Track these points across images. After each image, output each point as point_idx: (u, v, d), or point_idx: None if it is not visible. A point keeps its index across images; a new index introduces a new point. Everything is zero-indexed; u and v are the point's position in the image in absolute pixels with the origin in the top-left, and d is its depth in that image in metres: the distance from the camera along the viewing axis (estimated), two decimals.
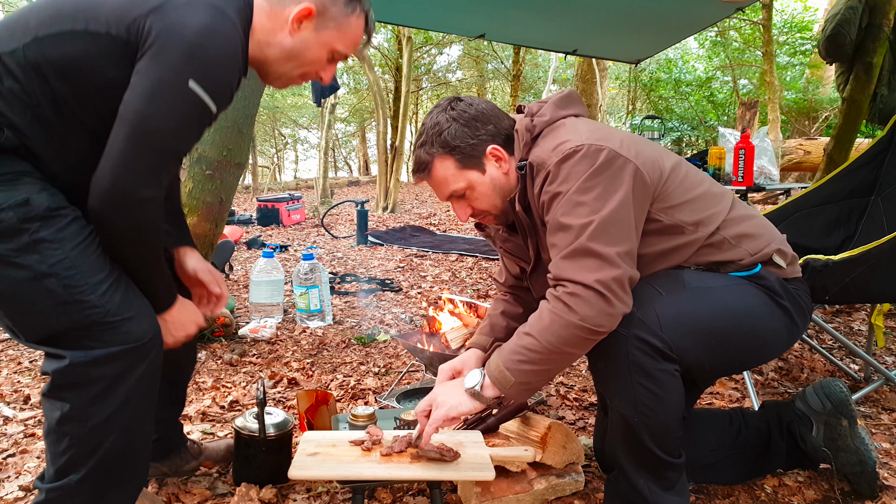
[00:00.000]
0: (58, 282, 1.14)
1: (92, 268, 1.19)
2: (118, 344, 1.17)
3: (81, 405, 1.17)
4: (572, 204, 1.33)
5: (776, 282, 1.45)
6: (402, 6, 4.80)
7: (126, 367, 1.19)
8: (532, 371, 1.34)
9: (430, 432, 1.39)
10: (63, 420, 1.18)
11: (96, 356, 1.16)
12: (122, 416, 1.20)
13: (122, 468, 1.24)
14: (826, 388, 1.65)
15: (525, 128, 1.48)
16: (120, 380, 1.18)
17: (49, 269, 1.14)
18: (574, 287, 1.30)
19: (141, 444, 1.28)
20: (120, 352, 1.18)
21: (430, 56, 18.16)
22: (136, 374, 1.20)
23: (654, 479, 1.42)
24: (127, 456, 1.24)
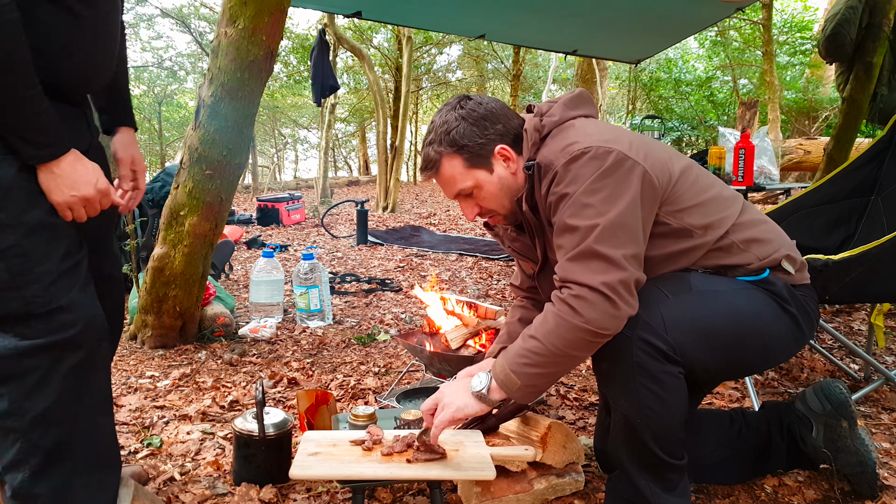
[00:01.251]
0: (4, 267, 1.14)
1: (42, 256, 1.16)
2: (47, 334, 1.16)
3: (18, 398, 1.17)
4: (579, 206, 1.32)
5: (784, 287, 1.45)
6: (402, 6, 4.80)
7: (56, 357, 1.17)
8: (537, 374, 1.34)
9: (437, 434, 1.39)
10: (3, 415, 1.18)
11: (25, 347, 1.15)
12: (61, 408, 1.19)
13: (71, 463, 1.22)
14: (826, 389, 1.65)
15: (534, 127, 1.48)
16: (53, 371, 1.17)
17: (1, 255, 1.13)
18: (579, 289, 1.29)
19: (95, 437, 1.25)
20: (48, 343, 1.16)
21: (430, 56, 18.16)
22: (67, 365, 1.18)
23: (655, 480, 1.42)
24: (79, 450, 1.22)
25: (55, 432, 1.20)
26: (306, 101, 20.17)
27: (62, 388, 1.19)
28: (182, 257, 2.91)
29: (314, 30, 14.68)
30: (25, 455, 1.19)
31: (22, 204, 1.16)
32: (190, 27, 15.21)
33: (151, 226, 4.42)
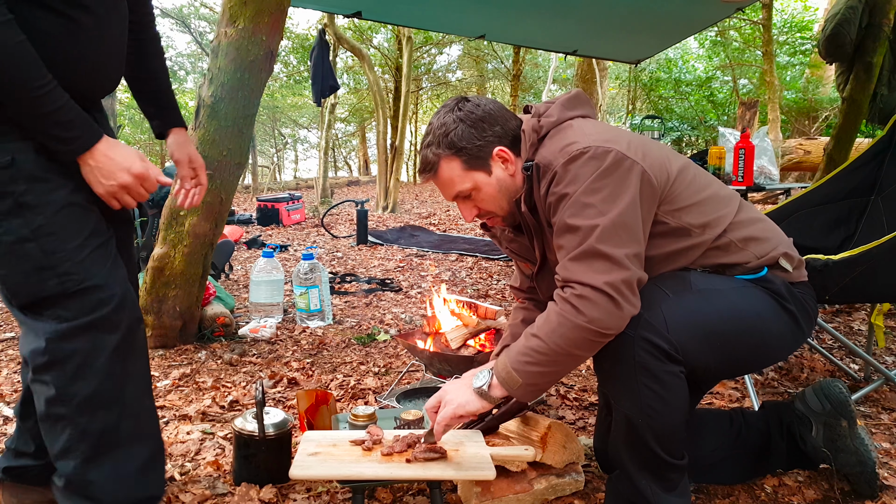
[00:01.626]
0: (36, 246, 1.15)
1: (72, 233, 1.18)
2: (84, 314, 1.17)
3: (63, 384, 1.18)
4: (579, 205, 1.32)
5: (782, 285, 1.45)
6: (402, 6, 4.80)
7: (96, 339, 1.17)
8: (539, 372, 1.34)
9: (440, 431, 1.40)
10: (50, 402, 1.19)
11: (64, 330, 1.16)
12: (108, 390, 1.19)
13: (122, 446, 1.23)
14: (825, 388, 1.65)
15: (532, 128, 1.48)
16: (94, 354, 1.18)
17: (30, 234, 1.15)
18: (582, 289, 1.29)
19: (142, 419, 1.26)
20: (86, 323, 1.17)
21: (430, 56, 18.17)
22: (110, 346, 1.19)
23: (656, 479, 1.42)
24: (126, 433, 1.23)
25: (102, 416, 1.20)
26: (306, 101, 20.17)
27: (106, 371, 1.19)
28: (182, 257, 2.91)
29: (314, 30, 14.68)
30: (75, 441, 1.20)
31: (46, 184, 1.17)
32: (190, 27, 15.22)
33: (151, 226, 4.42)
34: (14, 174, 1.14)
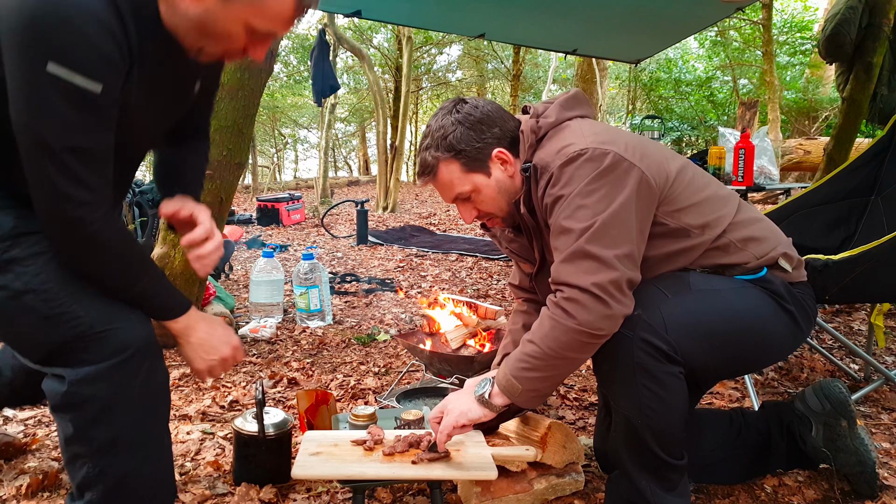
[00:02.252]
0: (36, 297, 1.12)
1: (68, 279, 1.15)
2: (108, 358, 1.13)
3: (83, 426, 1.14)
4: (574, 207, 1.33)
5: (781, 286, 1.45)
6: (402, 6, 4.80)
7: (119, 382, 1.13)
8: (538, 378, 1.34)
9: (443, 440, 1.40)
10: (70, 440, 1.16)
11: (85, 374, 1.12)
12: (129, 435, 1.16)
13: (141, 489, 1.20)
14: (825, 388, 1.65)
15: (530, 129, 1.48)
16: (116, 398, 1.13)
17: (25, 286, 1.12)
18: (571, 291, 1.30)
19: (159, 462, 1.23)
20: (109, 367, 1.13)
21: (430, 56, 18.16)
22: (132, 390, 1.15)
23: (656, 480, 1.42)
24: (144, 477, 1.20)
25: (123, 460, 1.17)
26: (306, 101, 20.16)
27: (128, 416, 1.15)
28: (182, 257, 2.91)
29: (314, 30, 14.68)
30: (93, 480, 1.17)
31: (32, 237, 1.15)
32: None
33: (151, 226, 4.42)
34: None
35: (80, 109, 1.04)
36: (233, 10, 1.09)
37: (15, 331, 1.17)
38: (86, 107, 1.04)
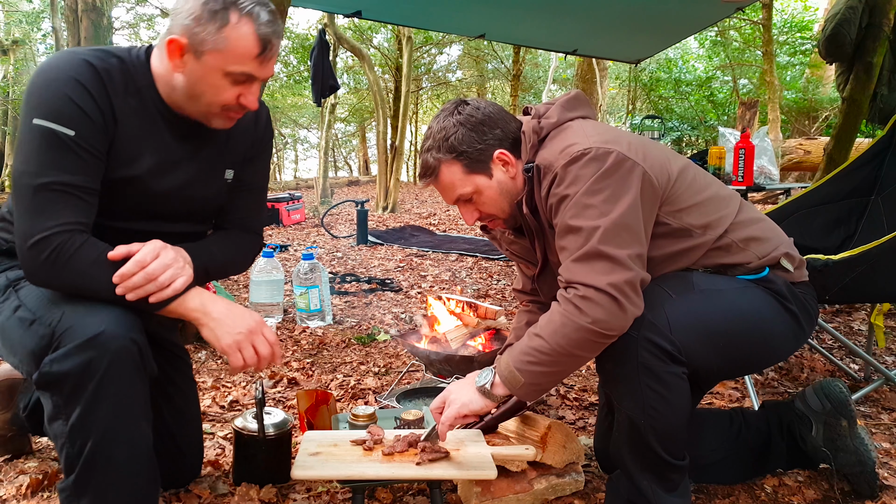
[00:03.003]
0: (25, 309, 1.28)
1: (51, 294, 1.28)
2: (79, 339, 1.18)
3: (59, 404, 1.20)
4: (581, 206, 1.32)
5: (784, 285, 1.45)
6: (402, 6, 4.80)
7: (86, 362, 1.17)
8: (541, 372, 1.34)
9: (445, 430, 1.40)
10: (50, 419, 1.22)
11: (60, 353, 1.19)
12: (98, 416, 1.19)
13: (113, 471, 1.22)
14: (826, 388, 1.65)
15: (532, 130, 1.48)
16: (87, 377, 1.17)
17: (20, 302, 1.30)
18: (585, 290, 1.29)
19: (128, 450, 1.24)
20: (77, 346, 1.17)
21: (430, 56, 18.16)
22: (99, 371, 1.18)
23: (657, 480, 1.42)
24: (114, 461, 1.22)
25: (95, 441, 1.20)
26: (306, 101, 20.17)
27: (95, 396, 1.18)
28: None
29: (314, 30, 14.68)
30: (73, 458, 1.21)
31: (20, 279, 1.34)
32: None
33: None
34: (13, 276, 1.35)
35: (57, 149, 1.21)
36: (207, 62, 1.25)
37: (15, 342, 1.28)
38: (60, 147, 1.22)
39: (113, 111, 1.28)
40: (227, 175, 1.48)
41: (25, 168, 1.21)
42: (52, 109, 1.21)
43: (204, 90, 1.28)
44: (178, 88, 1.30)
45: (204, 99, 1.30)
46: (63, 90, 1.22)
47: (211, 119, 1.34)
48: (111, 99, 1.27)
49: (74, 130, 1.22)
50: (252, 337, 1.30)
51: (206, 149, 1.43)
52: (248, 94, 1.31)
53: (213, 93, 1.28)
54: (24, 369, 1.30)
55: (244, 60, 1.25)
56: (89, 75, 1.25)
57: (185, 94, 1.30)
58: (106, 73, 1.27)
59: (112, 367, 1.18)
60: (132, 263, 1.23)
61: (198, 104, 1.31)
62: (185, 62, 1.26)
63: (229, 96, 1.29)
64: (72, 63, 1.25)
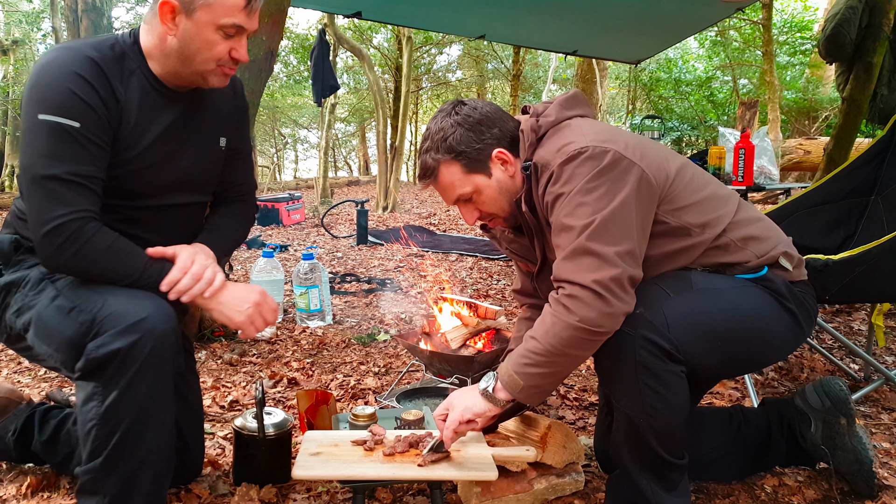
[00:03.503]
0: (63, 298, 1.31)
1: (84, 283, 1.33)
2: (119, 325, 1.23)
3: (98, 387, 1.24)
4: (574, 204, 1.33)
5: (782, 285, 1.45)
6: (402, 6, 4.80)
7: (131, 345, 1.22)
8: (539, 374, 1.34)
9: (449, 435, 1.40)
10: (85, 400, 1.26)
11: (101, 341, 1.23)
12: (135, 398, 1.24)
13: (141, 455, 1.28)
14: (826, 386, 1.66)
15: (530, 128, 1.49)
16: (130, 359, 1.22)
17: (57, 292, 1.33)
18: (572, 288, 1.30)
19: (158, 433, 1.30)
20: (123, 329, 1.22)
21: (430, 56, 18.15)
22: (143, 355, 1.23)
23: (656, 479, 1.42)
24: (145, 443, 1.27)
25: (129, 422, 1.25)
26: (306, 101, 20.15)
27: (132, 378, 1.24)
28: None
29: (314, 30, 14.68)
30: (102, 442, 1.25)
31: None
32: None
33: None
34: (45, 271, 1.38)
35: (63, 140, 1.26)
36: (199, 19, 1.32)
37: (52, 331, 1.30)
38: (67, 138, 1.27)
39: (116, 97, 1.34)
40: (221, 143, 1.57)
41: (34, 161, 1.26)
42: (56, 104, 1.26)
43: (199, 47, 1.34)
44: (173, 53, 1.36)
45: (199, 56, 1.35)
46: (66, 84, 1.27)
47: (207, 77, 1.40)
48: (112, 85, 1.33)
49: (79, 122, 1.27)
50: (258, 308, 1.42)
51: (200, 119, 1.51)
52: (238, 48, 1.38)
53: (208, 48, 1.35)
54: (57, 358, 1.31)
55: (233, 12, 1.33)
56: (89, 67, 1.30)
57: (179, 56, 1.36)
58: (104, 62, 1.33)
59: (154, 351, 1.24)
60: (177, 270, 1.34)
61: (193, 63, 1.37)
62: (178, 23, 1.33)
63: (222, 50, 1.36)
64: (70, 57, 1.29)
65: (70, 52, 1.31)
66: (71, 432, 1.66)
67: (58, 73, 1.28)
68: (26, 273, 1.39)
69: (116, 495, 1.28)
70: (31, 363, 2.04)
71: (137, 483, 1.29)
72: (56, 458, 1.67)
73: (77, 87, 1.27)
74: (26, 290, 1.36)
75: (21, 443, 1.67)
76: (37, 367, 2.70)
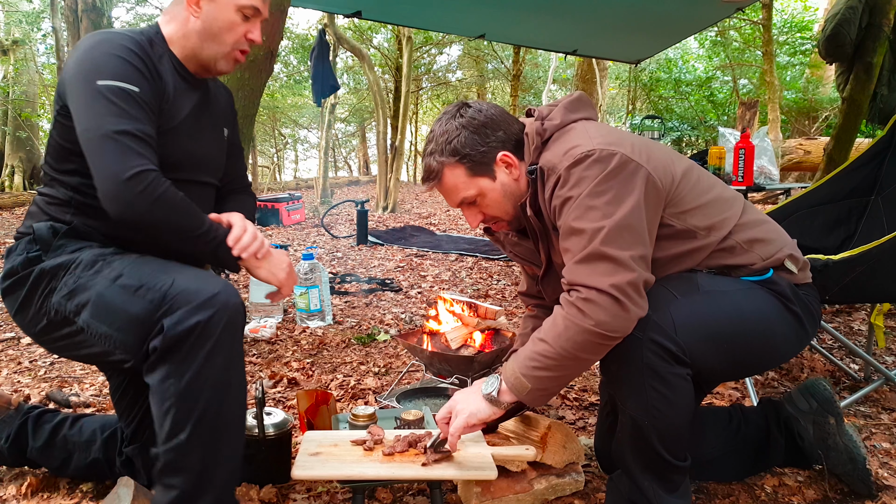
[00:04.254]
0: (126, 277, 1.32)
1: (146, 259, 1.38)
2: (194, 300, 1.26)
3: (175, 366, 1.25)
4: (584, 208, 1.32)
5: (787, 287, 1.45)
6: (402, 6, 4.81)
7: (208, 319, 1.25)
8: (547, 377, 1.34)
9: (455, 441, 1.39)
10: (164, 379, 1.26)
11: (178, 317, 1.25)
12: (211, 370, 1.26)
13: (221, 425, 1.29)
14: (811, 388, 1.67)
15: (535, 132, 1.48)
16: (207, 333, 1.25)
17: (119, 272, 1.34)
18: (588, 292, 1.29)
19: (234, 403, 1.32)
20: (199, 304, 1.25)
21: (430, 56, 18.16)
22: (219, 327, 1.26)
23: (658, 480, 1.42)
24: (224, 413, 1.29)
25: (210, 396, 1.27)
26: (306, 101, 20.14)
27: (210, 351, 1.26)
28: None
29: (314, 30, 14.68)
30: (183, 420, 1.26)
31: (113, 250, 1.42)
32: None
33: None
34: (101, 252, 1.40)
35: (127, 102, 1.33)
36: (221, 1, 1.46)
37: (115, 310, 1.30)
38: (130, 100, 1.33)
39: (158, 72, 1.43)
40: (226, 133, 1.68)
41: (102, 120, 1.30)
42: (114, 71, 1.33)
43: (220, 28, 1.47)
44: (194, 34, 1.48)
45: (220, 38, 1.47)
46: (120, 54, 1.35)
47: (218, 62, 1.51)
48: (153, 61, 1.43)
49: (139, 87, 1.35)
50: (292, 269, 1.52)
51: (212, 107, 1.62)
52: (254, 30, 1.51)
53: (228, 28, 1.47)
54: (116, 339, 1.31)
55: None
56: (134, 43, 1.40)
57: (201, 36, 1.48)
58: (142, 42, 1.43)
59: (229, 324, 1.28)
60: (239, 228, 1.42)
61: (213, 44, 1.48)
62: (201, 7, 1.46)
63: (240, 32, 1.49)
64: (115, 36, 1.39)
65: (112, 33, 1.40)
66: (68, 437, 1.66)
67: (109, 47, 1.36)
68: (75, 256, 1.39)
69: (201, 471, 1.28)
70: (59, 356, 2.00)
71: (218, 457, 1.30)
72: (53, 464, 1.67)
73: (130, 58, 1.36)
74: (78, 271, 1.36)
75: (15, 449, 1.66)
76: (37, 368, 2.70)
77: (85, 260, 1.37)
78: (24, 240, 1.44)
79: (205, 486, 1.28)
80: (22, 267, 1.40)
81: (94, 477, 1.69)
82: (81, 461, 1.65)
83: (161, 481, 1.30)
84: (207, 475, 1.29)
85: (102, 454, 1.64)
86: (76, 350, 1.42)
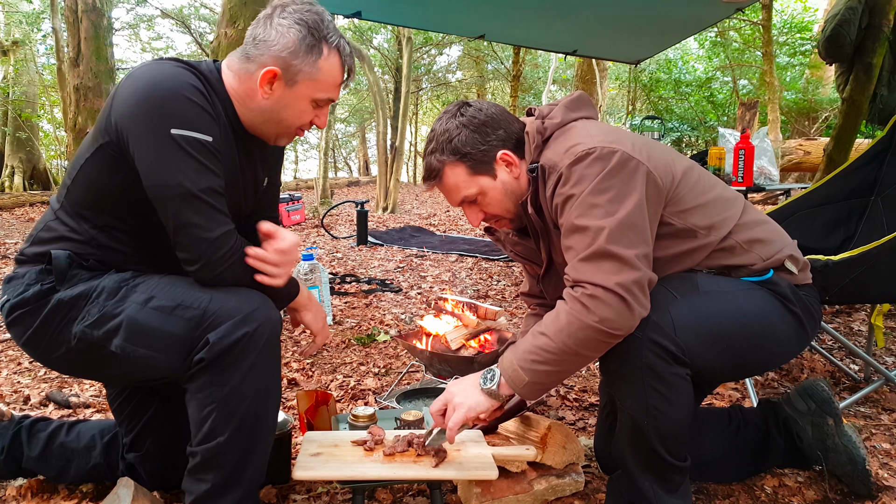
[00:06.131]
0: (158, 299, 1.31)
1: (175, 280, 1.35)
2: (236, 315, 1.27)
3: (218, 372, 1.27)
4: (587, 206, 1.32)
5: (788, 288, 1.45)
6: (402, 6, 4.81)
7: (251, 332, 1.27)
8: (545, 371, 1.34)
9: (453, 435, 1.39)
10: (205, 386, 1.28)
11: (224, 328, 1.26)
12: (254, 379, 1.29)
13: (257, 430, 1.32)
14: (808, 389, 1.67)
15: (536, 130, 1.48)
16: (251, 346, 1.27)
17: (149, 295, 1.32)
18: (594, 289, 1.28)
19: (271, 409, 1.36)
20: (241, 319, 1.27)
21: (430, 56, 18.18)
22: (262, 340, 1.29)
23: (658, 481, 1.42)
24: (261, 418, 1.33)
25: (252, 402, 1.30)
26: None
27: (253, 361, 1.28)
28: None
29: None
30: (221, 423, 1.28)
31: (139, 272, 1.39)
32: (190, 28, 15.23)
33: None
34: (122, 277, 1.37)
35: (204, 156, 1.27)
36: (299, 91, 1.36)
37: (153, 332, 1.29)
38: (207, 154, 1.28)
39: (218, 116, 1.35)
40: (264, 183, 1.60)
41: (180, 178, 1.25)
42: (188, 118, 1.26)
43: (289, 115, 1.39)
44: (259, 112, 1.39)
45: (285, 122, 1.41)
46: (190, 96, 1.27)
47: (279, 139, 1.46)
48: (214, 104, 1.34)
49: (211, 136, 1.29)
50: (326, 323, 1.55)
51: (256, 162, 1.52)
52: (322, 116, 1.45)
53: (297, 116, 1.40)
54: (161, 357, 1.30)
55: (331, 88, 1.40)
56: (199, 83, 1.31)
57: (266, 118, 1.40)
58: (203, 80, 1.34)
59: (271, 336, 1.31)
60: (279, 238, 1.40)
61: (276, 126, 1.42)
62: (275, 90, 1.36)
63: (307, 119, 1.42)
64: (179, 72, 1.30)
65: (173, 68, 1.31)
66: (65, 444, 1.65)
67: (177, 85, 1.27)
68: (94, 284, 1.34)
69: (234, 468, 1.31)
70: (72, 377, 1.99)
71: (250, 457, 1.33)
72: (51, 472, 1.66)
73: (200, 101, 1.28)
74: (101, 300, 1.32)
75: (10, 460, 1.65)
76: (37, 368, 2.70)
77: (108, 287, 1.33)
78: (34, 269, 1.37)
79: (234, 483, 1.32)
80: (35, 299, 1.34)
81: (95, 480, 1.69)
82: (82, 467, 1.64)
83: (194, 475, 1.33)
84: (238, 474, 1.32)
85: (104, 459, 1.64)
86: (98, 371, 1.44)
